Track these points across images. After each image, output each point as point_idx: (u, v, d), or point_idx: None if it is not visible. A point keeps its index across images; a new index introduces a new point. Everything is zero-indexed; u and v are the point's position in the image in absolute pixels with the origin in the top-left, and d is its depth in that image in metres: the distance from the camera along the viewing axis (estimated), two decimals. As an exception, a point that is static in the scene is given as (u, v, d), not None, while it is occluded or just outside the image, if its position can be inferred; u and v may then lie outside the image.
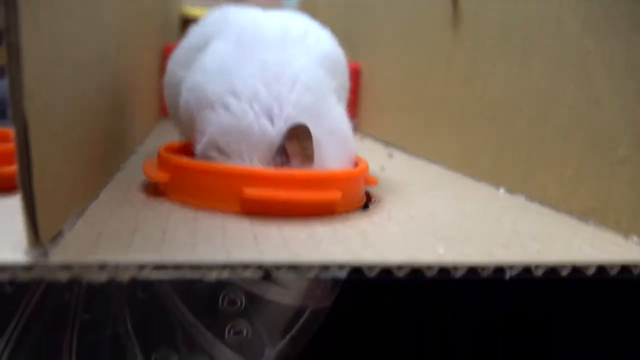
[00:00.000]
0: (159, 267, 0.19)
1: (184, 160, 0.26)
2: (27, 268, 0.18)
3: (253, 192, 0.24)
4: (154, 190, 0.28)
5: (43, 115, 0.18)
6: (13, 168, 0.26)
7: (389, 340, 0.42)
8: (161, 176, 0.27)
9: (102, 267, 0.18)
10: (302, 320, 0.28)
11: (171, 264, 0.19)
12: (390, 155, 0.49)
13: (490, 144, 0.38)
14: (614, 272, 0.23)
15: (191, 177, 0.26)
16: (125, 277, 0.19)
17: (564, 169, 0.30)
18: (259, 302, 0.27)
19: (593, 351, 0.30)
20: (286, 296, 0.27)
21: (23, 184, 0.17)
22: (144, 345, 0.27)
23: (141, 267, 0.19)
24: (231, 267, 0.20)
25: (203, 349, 0.26)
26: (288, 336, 0.28)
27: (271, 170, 0.25)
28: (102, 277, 0.18)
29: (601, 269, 0.22)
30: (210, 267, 0.19)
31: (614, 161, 0.27)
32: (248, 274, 0.20)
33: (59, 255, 0.18)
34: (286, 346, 0.29)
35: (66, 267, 0.18)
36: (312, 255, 0.21)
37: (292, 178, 0.25)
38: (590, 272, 0.22)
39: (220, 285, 0.26)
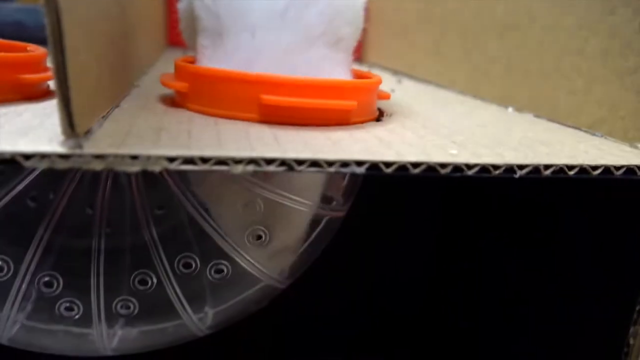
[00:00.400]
0: (188, 160, 0.20)
1: (203, 67, 0.27)
2: (64, 157, 0.19)
3: (271, 98, 0.25)
4: (171, 101, 0.29)
5: (73, 6, 0.18)
6: (34, 76, 0.27)
7: (400, 242, 0.44)
8: (180, 85, 0.27)
9: (134, 157, 0.19)
10: (318, 229, 0.30)
11: (199, 157, 0.20)
12: (399, 82, 0.49)
13: (499, 64, 0.38)
14: (619, 173, 0.24)
15: (210, 84, 0.26)
16: (156, 168, 0.20)
17: (574, 81, 0.31)
18: (278, 208, 0.28)
19: (596, 244, 0.31)
20: (304, 205, 0.28)
21: (58, 74, 0.18)
22: (168, 251, 0.28)
23: (171, 159, 0.20)
24: (256, 162, 0.20)
25: (224, 254, 0.28)
26: (305, 245, 0.30)
27: (290, 77, 0.26)
28: (134, 167, 0.19)
29: (607, 170, 0.23)
30: (237, 161, 0.20)
31: (623, 71, 0.27)
32: (272, 167, 0.20)
33: (92, 147, 0.19)
34: (302, 255, 0.30)
35: (100, 157, 0.19)
36: (332, 153, 0.22)
37: (310, 86, 0.26)
38: (597, 172, 0.23)
39: (245, 190, 0.27)
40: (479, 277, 0.44)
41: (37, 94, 0.27)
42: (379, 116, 0.30)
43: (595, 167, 0.23)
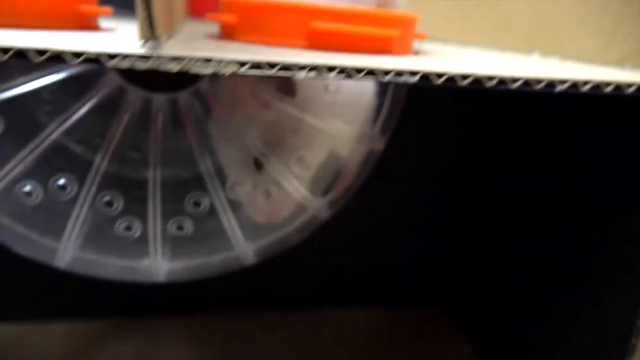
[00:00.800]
0: (256, 65, 0.21)
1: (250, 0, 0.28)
2: (144, 57, 0.20)
3: (321, 25, 0.26)
4: (218, 37, 0.30)
5: None
6: (93, 7, 0.28)
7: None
8: (229, 17, 0.28)
9: (207, 60, 0.21)
10: (358, 160, 0.31)
11: (267, 62, 0.21)
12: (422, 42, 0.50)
13: (522, 15, 0.40)
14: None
15: (260, 15, 0.28)
16: (227, 71, 0.21)
17: (601, 20, 0.32)
18: (322, 135, 0.29)
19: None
20: (347, 133, 0.30)
21: None
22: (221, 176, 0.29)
23: (242, 64, 0.21)
24: (317, 68, 0.22)
25: (272, 179, 0.29)
26: (345, 175, 0.31)
27: (338, 6, 0.27)
28: (207, 69, 0.21)
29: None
30: (300, 67, 0.22)
31: (653, 2, 0.29)
32: (332, 75, 0.22)
33: (169, 50, 0.21)
34: (342, 187, 0.31)
35: (176, 58, 0.21)
36: (386, 65, 0.23)
37: (356, 14, 0.27)
38: (631, 90, 0.25)
39: (292, 117, 0.28)
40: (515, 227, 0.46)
41: (93, 26, 0.29)
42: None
43: (629, 85, 0.25)
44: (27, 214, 0.27)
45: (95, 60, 0.20)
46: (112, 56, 0.20)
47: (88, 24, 0.28)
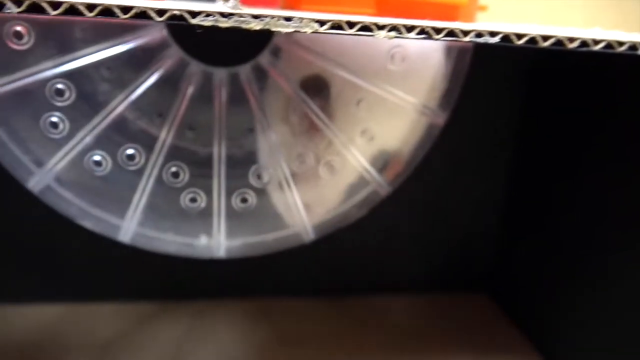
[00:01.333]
0: (336, 25, 0.21)
1: (320, -33, 0.28)
2: (227, 15, 0.20)
3: (389, -7, 0.26)
4: (282, 6, 0.30)
5: None
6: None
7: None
8: (295, -13, 0.28)
9: (288, 19, 0.21)
10: (420, 134, 0.31)
11: (347, 21, 0.21)
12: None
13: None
14: None
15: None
16: (307, 30, 0.21)
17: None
18: (388, 106, 0.29)
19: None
20: (411, 105, 0.29)
21: None
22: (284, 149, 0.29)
23: (321, 23, 0.21)
24: (397, 28, 0.22)
25: (336, 151, 0.29)
26: (407, 150, 0.31)
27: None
28: (288, 28, 0.21)
29: None
30: (380, 27, 0.21)
31: None
32: (412, 35, 0.21)
33: (250, 9, 0.21)
34: (404, 161, 0.31)
35: (258, 17, 0.20)
36: (464, 26, 0.22)
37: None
38: None
39: (356, 88, 0.28)
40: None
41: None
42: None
43: None
44: (95, 185, 0.28)
45: (179, 18, 0.20)
46: (194, 14, 0.20)
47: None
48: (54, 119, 0.26)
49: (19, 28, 0.24)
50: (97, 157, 0.27)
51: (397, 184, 0.32)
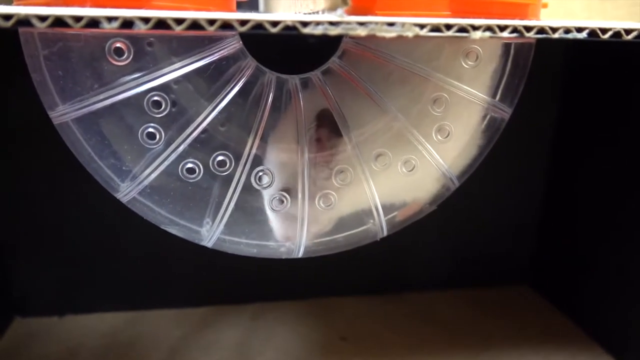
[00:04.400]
0: (436, 28, 0.22)
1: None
2: (335, 23, 0.21)
3: (462, -6, 0.27)
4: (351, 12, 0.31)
5: None
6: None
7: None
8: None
9: (390, 24, 0.22)
10: (489, 129, 0.32)
11: (445, 24, 0.22)
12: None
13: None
14: None
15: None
16: (409, 33, 0.22)
17: None
18: (460, 103, 0.30)
19: None
20: (482, 101, 0.30)
21: None
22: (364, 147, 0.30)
23: (421, 26, 0.22)
24: (491, 28, 0.23)
25: (414, 148, 0.30)
26: (477, 145, 0.32)
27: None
28: (391, 33, 0.22)
29: None
30: (475, 27, 0.22)
31: None
32: (477, 35, 0.23)
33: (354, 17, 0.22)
34: (472, 156, 0.32)
35: (363, 24, 0.22)
36: (551, 23, 0.23)
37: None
38: None
39: (431, 87, 0.29)
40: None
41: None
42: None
43: None
44: (185, 192, 0.29)
45: (292, 28, 0.21)
46: (305, 24, 0.21)
47: (228, 8, 0.29)
48: (151, 130, 0.27)
49: (119, 44, 0.26)
50: (190, 165, 0.28)
51: (464, 179, 0.33)
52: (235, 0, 0.30)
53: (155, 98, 0.27)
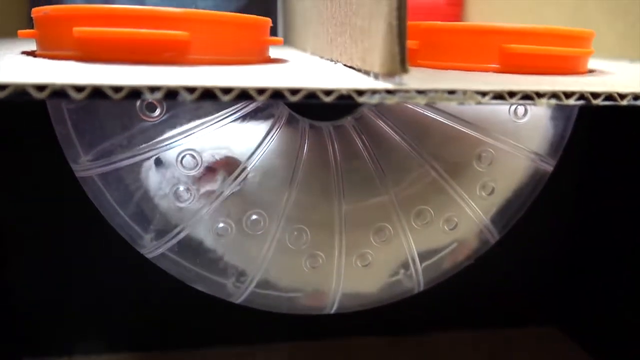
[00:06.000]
0: (498, 95, 0.20)
1: (438, 23, 0.28)
2: (392, 92, 0.20)
3: (513, 47, 0.26)
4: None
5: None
6: (274, 39, 0.28)
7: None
8: (410, 42, 0.28)
9: (451, 92, 0.20)
10: (532, 182, 0.30)
11: (508, 91, 0.21)
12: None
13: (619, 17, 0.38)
14: None
15: (447, 39, 0.27)
16: (471, 102, 0.20)
17: None
18: (506, 158, 0.28)
19: None
20: (526, 155, 0.29)
21: (399, 10, 0.19)
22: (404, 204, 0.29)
23: (483, 94, 0.20)
24: (556, 95, 0.21)
25: (456, 205, 0.28)
26: (520, 198, 0.30)
27: (535, 27, 0.26)
28: (452, 101, 0.20)
29: None
30: (540, 95, 0.21)
31: None
32: (542, 102, 0.21)
33: (413, 83, 0.20)
34: (515, 209, 0.30)
35: (423, 92, 0.20)
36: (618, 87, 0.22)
37: (547, 33, 0.26)
38: None
39: (476, 142, 0.28)
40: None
41: (266, 58, 0.28)
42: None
43: None
44: (215, 251, 0.27)
45: (347, 97, 0.19)
46: (361, 92, 0.19)
47: (263, 57, 0.28)
48: (182, 188, 0.25)
49: (151, 100, 0.24)
50: (221, 224, 0.26)
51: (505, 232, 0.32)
52: (268, 46, 0.28)
53: (188, 155, 0.25)
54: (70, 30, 0.22)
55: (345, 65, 0.26)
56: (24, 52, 0.26)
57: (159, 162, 0.25)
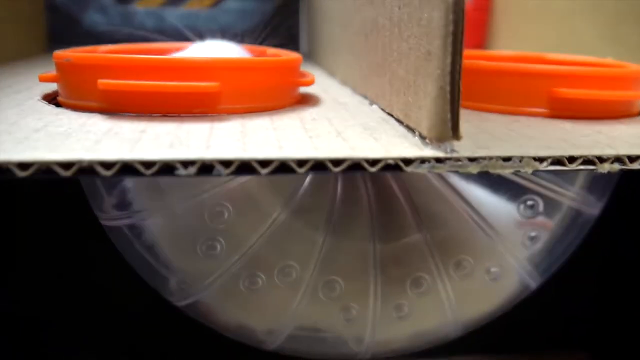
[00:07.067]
0: (557, 161, 0.19)
1: (483, 63, 0.26)
2: (442, 160, 0.18)
3: (564, 91, 0.24)
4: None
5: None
6: (306, 80, 0.26)
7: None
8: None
9: (506, 159, 0.19)
10: (576, 225, 0.28)
11: (568, 156, 0.19)
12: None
13: None
14: None
15: (493, 80, 0.25)
16: (528, 169, 0.19)
17: None
18: (549, 203, 0.27)
19: None
20: (570, 199, 0.27)
21: (452, 75, 0.17)
22: (442, 253, 0.27)
23: (541, 160, 0.19)
24: (621, 160, 0.19)
25: (499, 255, 0.27)
26: (562, 243, 0.28)
27: (588, 69, 0.25)
28: (506, 169, 0.19)
29: None
30: (603, 159, 0.19)
31: None
32: (605, 168, 0.19)
33: (464, 150, 0.19)
34: (557, 254, 0.29)
35: (475, 160, 0.18)
36: None
37: (600, 76, 0.25)
38: None
39: (521, 190, 0.26)
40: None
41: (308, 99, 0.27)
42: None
43: None
44: (246, 301, 0.26)
45: (394, 167, 0.18)
46: (408, 161, 0.18)
47: (294, 98, 0.26)
48: (210, 242, 0.24)
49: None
50: (252, 275, 0.25)
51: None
52: (296, 97, 0.26)
53: (217, 208, 0.24)
54: (95, 81, 0.21)
55: (383, 110, 0.25)
56: (45, 98, 0.25)
57: (186, 216, 0.24)
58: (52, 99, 0.25)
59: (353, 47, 0.30)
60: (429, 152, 0.18)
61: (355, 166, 0.18)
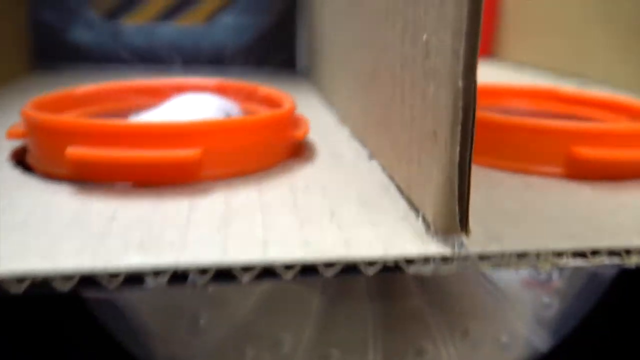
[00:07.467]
0: (579, 253, 0.17)
1: (496, 117, 0.24)
2: (449, 259, 0.16)
3: (585, 152, 0.22)
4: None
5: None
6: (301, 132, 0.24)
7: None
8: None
9: (521, 255, 0.16)
10: (590, 286, 0.26)
11: (591, 249, 0.17)
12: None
13: None
14: None
15: (505, 136, 0.23)
16: (546, 266, 0.17)
17: None
18: (564, 271, 0.25)
19: None
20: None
21: (461, 166, 0.15)
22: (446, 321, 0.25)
23: (558, 254, 0.17)
24: (616, 253, 0.17)
25: (508, 324, 0.25)
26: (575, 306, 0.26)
27: (609, 126, 0.22)
28: (523, 266, 0.16)
29: None
30: (595, 252, 0.17)
31: None
32: (632, 261, 0.17)
33: (472, 245, 0.16)
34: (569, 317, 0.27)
35: (485, 257, 0.16)
36: None
37: (626, 133, 0.22)
38: None
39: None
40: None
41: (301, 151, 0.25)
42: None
43: None
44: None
45: (394, 269, 0.16)
46: (410, 261, 0.16)
47: (286, 153, 0.24)
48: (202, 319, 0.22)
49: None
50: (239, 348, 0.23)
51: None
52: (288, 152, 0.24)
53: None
54: (64, 148, 0.19)
55: (383, 168, 0.22)
56: (14, 156, 0.23)
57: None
58: (21, 159, 0.22)
59: (352, 89, 0.28)
60: (433, 248, 0.16)
61: (350, 268, 0.16)
